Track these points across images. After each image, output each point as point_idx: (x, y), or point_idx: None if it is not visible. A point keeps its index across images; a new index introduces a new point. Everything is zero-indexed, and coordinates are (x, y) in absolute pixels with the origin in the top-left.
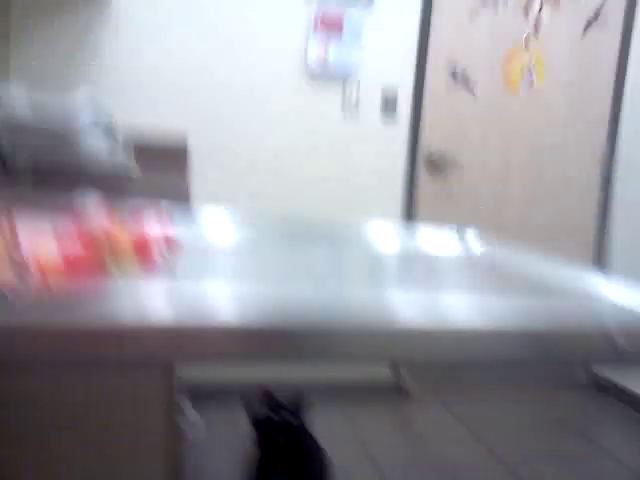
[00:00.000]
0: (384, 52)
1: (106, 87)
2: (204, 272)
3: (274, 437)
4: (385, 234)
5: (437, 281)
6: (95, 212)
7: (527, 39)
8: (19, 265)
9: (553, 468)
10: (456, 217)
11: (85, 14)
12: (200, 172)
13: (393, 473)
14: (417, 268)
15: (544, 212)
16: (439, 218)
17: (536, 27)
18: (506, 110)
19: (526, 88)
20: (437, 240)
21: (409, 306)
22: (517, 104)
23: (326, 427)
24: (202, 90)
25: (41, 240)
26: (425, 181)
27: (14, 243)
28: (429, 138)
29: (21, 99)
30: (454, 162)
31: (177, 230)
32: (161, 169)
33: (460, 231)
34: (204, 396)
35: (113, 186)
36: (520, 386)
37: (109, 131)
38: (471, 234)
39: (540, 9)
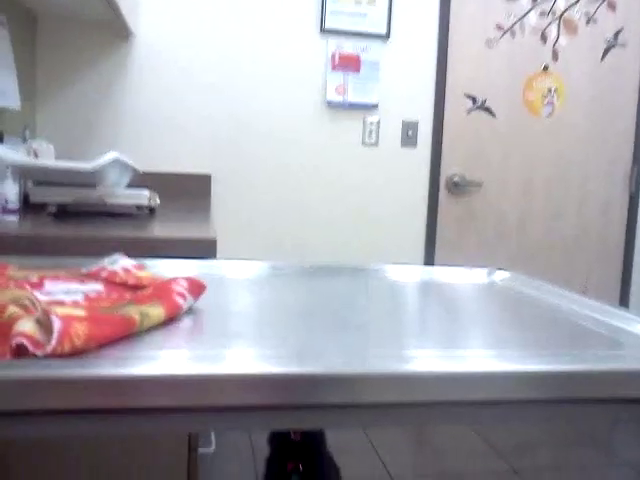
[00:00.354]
0: (402, 85)
1: (128, 137)
2: (227, 313)
3: (287, 435)
4: (407, 271)
5: (459, 317)
6: (120, 265)
7: (546, 65)
8: (43, 316)
9: (570, 478)
10: (479, 238)
11: (106, 69)
12: (222, 206)
13: None
14: (439, 302)
15: (568, 230)
16: (462, 240)
17: (555, 53)
18: (527, 132)
19: (548, 112)
20: (463, 274)
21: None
22: (538, 126)
23: (339, 435)
24: (224, 130)
25: (67, 287)
26: (447, 204)
27: (41, 288)
28: (450, 162)
29: (47, 149)
30: (476, 184)
31: (198, 272)
32: (184, 198)
33: (490, 272)
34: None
35: (135, 218)
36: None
37: (129, 169)
38: (502, 274)
39: (557, 36)
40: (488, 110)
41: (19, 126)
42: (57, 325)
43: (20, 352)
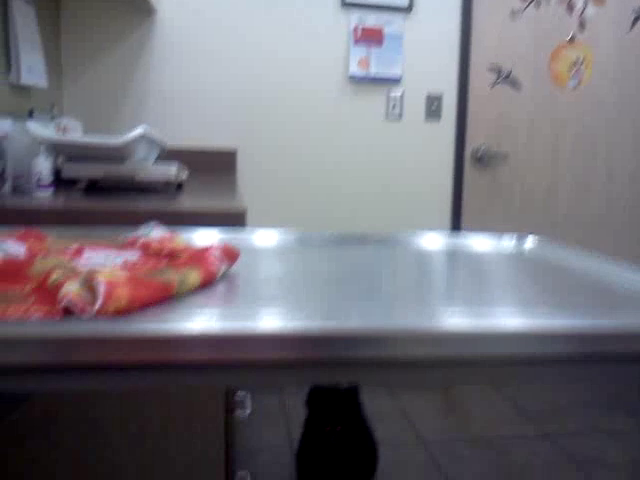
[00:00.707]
0: (426, 58)
1: (153, 114)
2: (260, 279)
3: (325, 398)
4: (435, 238)
5: (488, 281)
6: (155, 234)
7: (573, 36)
8: (87, 279)
9: (602, 443)
10: (505, 212)
11: (130, 45)
12: (247, 181)
13: (438, 447)
14: (467, 268)
15: (595, 203)
16: (488, 213)
17: (581, 23)
18: (554, 104)
19: (574, 83)
20: (493, 244)
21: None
22: (565, 98)
23: (373, 403)
24: (248, 105)
25: (106, 254)
26: (473, 177)
27: (80, 254)
28: (475, 135)
29: (75, 126)
30: (501, 156)
31: (230, 242)
32: (211, 170)
33: (519, 238)
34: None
35: (164, 192)
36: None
37: (157, 144)
38: (531, 240)
39: (584, 5)
40: (513, 82)
41: (47, 104)
42: (101, 288)
43: (68, 313)
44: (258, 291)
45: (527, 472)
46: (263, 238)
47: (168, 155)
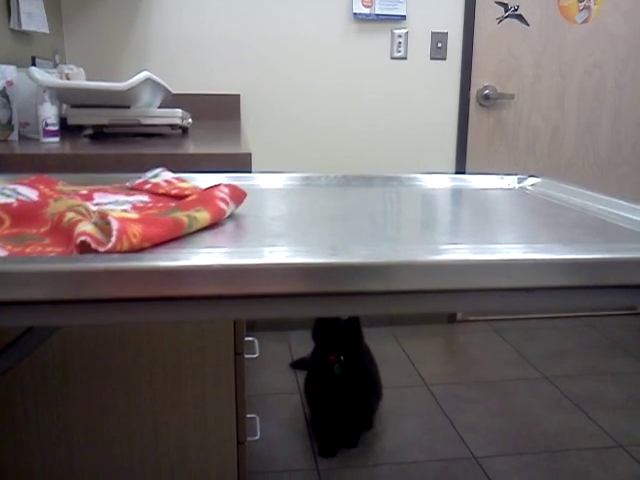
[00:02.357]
0: None
1: (156, 60)
2: (267, 217)
3: (328, 331)
4: (439, 179)
5: (491, 217)
6: (162, 178)
7: None
8: (100, 219)
9: (601, 384)
10: (510, 153)
11: None
12: (252, 125)
13: (442, 391)
14: (470, 205)
15: (602, 144)
16: (493, 155)
17: None
18: (561, 40)
19: (583, 17)
20: (494, 180)
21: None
22: (573, 33)
23: (378, 349)
24: (251, 48)
25: (116, 198)
26: (478, 117)
27: (91, 197)
28: (481, 75)
29: (79, 73)
30: (507, 96)
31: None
32: (215, 119)
33: (521, 178)
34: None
35: (169, 137)
36: (573, 312)
37: (161, 89)
38: (533, 180)
39: None
40: (520, 18)
41: (49, 51)
42: (115, 225)
43: (83, 249)
44: (265, 229)
45: (528, 413)
46: (268, 181)
47: (173, 101)
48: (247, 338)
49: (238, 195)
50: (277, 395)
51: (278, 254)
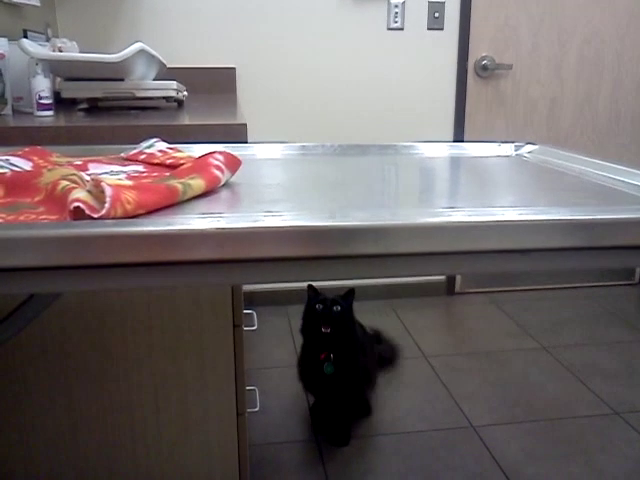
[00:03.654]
0: None
1: (149, 33)
2: (263, 185)
3: (318, 327)
4: (436, 147)
5: (488, 182)
6: (157, 148)
7: None
8: (94, 186)
9: (599, 354)
10: (508, 124)
11: None
12: (247, 99)
13: (441, 362)
14: (468, 172)
15: (600, 114)
16: (491, 126)
17: None
18: (561, 8)
19: None
20: (492, 148)
21: (460, 205)
22: (573, 1)
23: (377, 321)
24: (246, 21)
25: (111, 168)
26: (476, 88)
27: (86, 167)
28: (479, 45)
29: (71, 46)
30: (505, 67)
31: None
32: (211, 88)
33: (518, 145)
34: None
35: (164, 110)
36: (569, 280)
37: (156, 62)
38: (530, 147)
39: None
40: None
41: (41, 25)
42: (109, 191)
43: (77, 216)
44: (261, 195)
45: (525, 382)
46: (264, 151)
47: (165, 75)
48: (246, 311)
49: (233, 163)
50: (276, 368)
51: (274, 218)
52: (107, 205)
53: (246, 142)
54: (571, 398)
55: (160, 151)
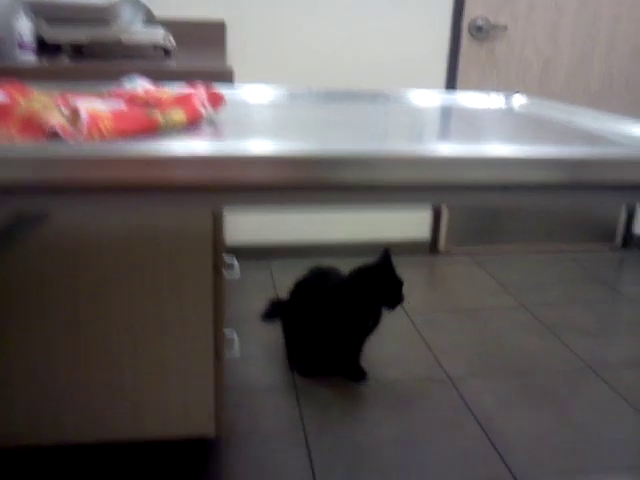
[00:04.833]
0: None
1: None
2: (248, 123)
3: (399, 293)
4: (427, 96)
5: (477, 128)
6: (140, 85)
7: None
8: (71, 113)
9: (577, 312)
10: (501, 85)
11: None
12: (236, 53)
13: (422, 319)
14: (457, 119)
15: (594, 77)
16: (484, 87)
17: None
18: None
19: None
20: (481, 99)
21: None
22: None
23: None
24: None
25: (90, 100)
26: (470, 49)
27: (65, 99)
28: (473, 5)
29: None
30: (500, 27)
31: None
32: (198, 44)
33: (507, 95)
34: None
35: (150, 59)
36: (554, 244)
37: (142, 8)
38: (518, 96)
39: None
40: None
41: None
42: (84, 115)
43: (53, 139)
44: (246, 131)
45: (503, 338)
46: (252, 93)
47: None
48: (227, 258)
49: (216, 99)
50: (259, 320)
51: (258, 144)
52: (83, 129)
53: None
54: (546, 353)
55: (143, 89)
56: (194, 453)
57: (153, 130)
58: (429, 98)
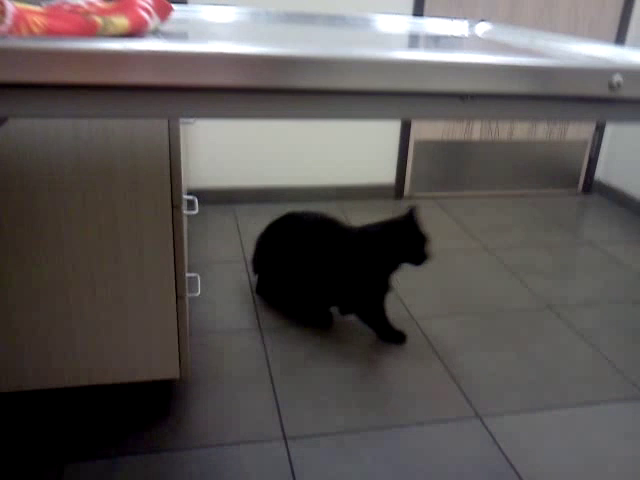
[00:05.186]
0: None
1: None
2: (200, 37)
3: (421, 249)
4: (391, 21)
5: (435, 50)
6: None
7: None
8: None
9: (538, 254)
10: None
11: None
12: None
13: None
14: (421, 43)
15: (561, 20)
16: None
17: None
18: None
19: None
20: (445, 26)
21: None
22: None
23: None
24: None
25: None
26: None
27: None
28: None
29: None
30: None
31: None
32: None
33: (471, 22)
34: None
35: None
36: (517, 189)
37: None
38: (483, 24)
39: None
40: None
41: None
42: (11, 8)
43: None
44: (199, 41)
45: (466, 279)
46: (207, 12)
47: None
48: (187, 197)
49: (163, 8)
50: (223, 264)
51: (216, 44)
52: (8, 21)
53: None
54: (508, 294)
55: (87, 2)
56: (159, 395)
57: (91, 33)
58: (390, 23)
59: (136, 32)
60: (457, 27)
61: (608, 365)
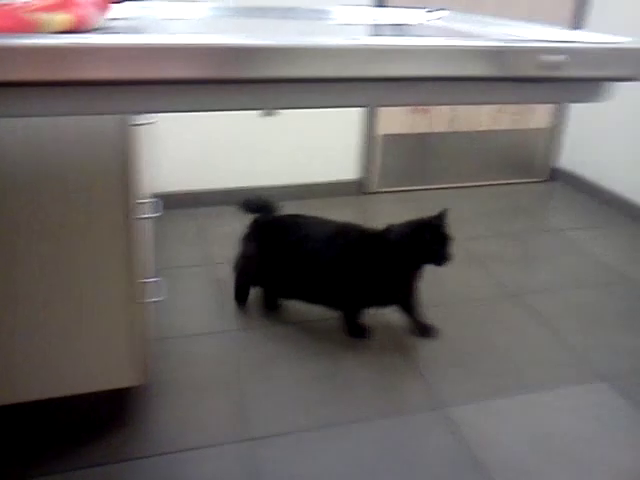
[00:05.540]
0: None
1: None
2: (151, 31)
3: (444, 252)
4: (348, 12)
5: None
6: None
7: None
8: None
9: (503, 243)
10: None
11: None
12: None
13: None
14: (380, 30)
15: (519, 10)
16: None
17: None
18: None
19: None
20: (404, 14)
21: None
22: None
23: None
24: None
25: None
26: None
27: None
28: None
29: None
30: None
31: (130, 15)
32: None
33: (429, 10)
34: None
35: None
36: (482, 180)
37: None
38: (441, 12)
39: None
40: None
41: None
42: None
43: None
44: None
45: (431, 270)
46: (160, 9)
47: None
48: (149, 200)
49: (103, 2)
50: (189, 267)
51: (174, 36)
52: None
53: None
54: (473, 283)
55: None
56: (118, 404)
57: (31, 30)
58: (347, 14)
59: (79, 28)
60: (414, 16)
61: (568, 349)
